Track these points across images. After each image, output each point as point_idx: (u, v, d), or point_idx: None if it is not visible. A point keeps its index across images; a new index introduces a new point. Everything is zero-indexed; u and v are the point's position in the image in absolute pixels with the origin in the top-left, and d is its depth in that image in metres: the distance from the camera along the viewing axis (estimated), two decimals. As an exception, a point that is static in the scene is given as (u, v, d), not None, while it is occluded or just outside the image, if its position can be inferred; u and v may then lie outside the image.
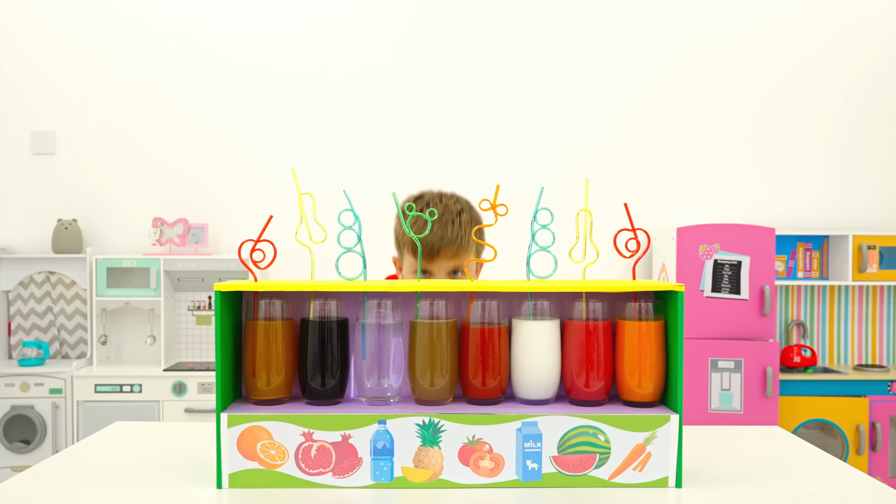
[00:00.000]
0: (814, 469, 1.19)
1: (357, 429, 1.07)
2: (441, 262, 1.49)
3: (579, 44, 3.67)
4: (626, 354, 1.14)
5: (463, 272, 1.51)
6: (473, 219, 1.55)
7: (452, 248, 1.48)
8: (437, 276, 1.51)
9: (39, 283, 3.60)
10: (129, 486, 1.08)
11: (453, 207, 1.54)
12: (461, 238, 1.49)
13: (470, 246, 1.52)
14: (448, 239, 1.48)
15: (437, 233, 1.49)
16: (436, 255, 1.48)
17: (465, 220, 1.53)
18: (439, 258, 1.48)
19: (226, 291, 1.11)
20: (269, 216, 1.18)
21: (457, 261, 1.50)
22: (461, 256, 1.50)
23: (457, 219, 1.52)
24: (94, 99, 3.64)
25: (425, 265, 1.50)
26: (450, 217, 1.51)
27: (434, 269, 1.50)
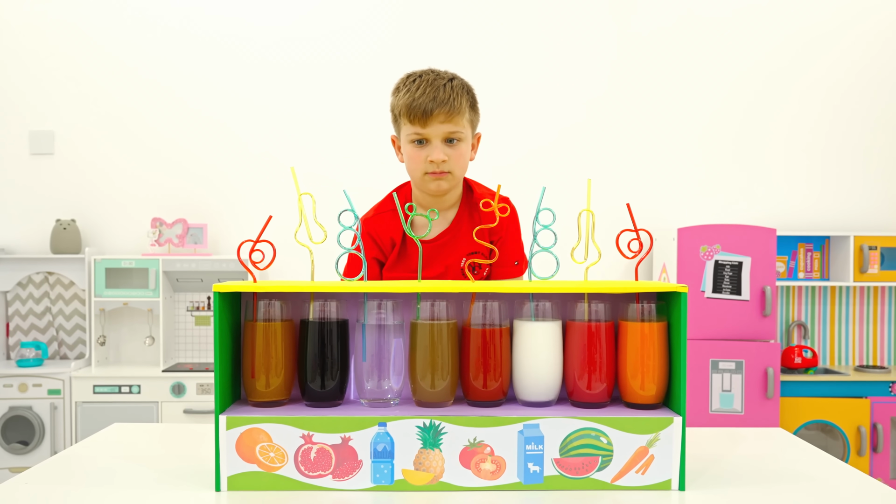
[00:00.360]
0: (818, 472, 1.18)
1: (357, 431, 1.07)
2: (435, 126, 1.46)
3: (578, 43, 3.66)
4: (628, 356, 1.13)
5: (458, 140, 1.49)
6: (465, 87, 1.53)
7: (445, 109, 1.45)
8: (433, 144, 1.47)
9: (38, 283, 3.59)
10: (126, 490, 1.07)
11: (444, 74, 1.52)
12: (454, 100, 1.47)
13: (463, 111, 1.49)
14: (440, 99, 1.46)
15: (429, 94, 1.46)
16: (429, 116, 1.45)
17: (456, 84, 1.50)
18: (432, 120, 1.45)
19: (225, 292, 1.10)
20: (269, 216, 1.17)
21: (451, 125, 1.47)
22: (455, 121, 1.47)
23: (448, 83, 1.49)
24: (92, 99, 3.62)
25: (419, 130, 1.47)
26: (441, 81, 1.49)
27: (429, 134, 1.47)
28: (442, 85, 1.48)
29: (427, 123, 1.46)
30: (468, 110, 1.51)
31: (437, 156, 1.46)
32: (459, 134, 1.48)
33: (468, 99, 1.52)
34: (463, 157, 1.51)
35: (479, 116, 1.57)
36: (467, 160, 1.53)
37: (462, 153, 1.50)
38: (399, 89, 1.53)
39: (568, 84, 3.66)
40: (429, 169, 1.48)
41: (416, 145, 1.49)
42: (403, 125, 1.51)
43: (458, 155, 1.49)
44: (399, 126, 1.54)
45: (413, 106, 1.46)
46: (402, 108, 1.49)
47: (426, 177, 1.50)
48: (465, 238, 1.57)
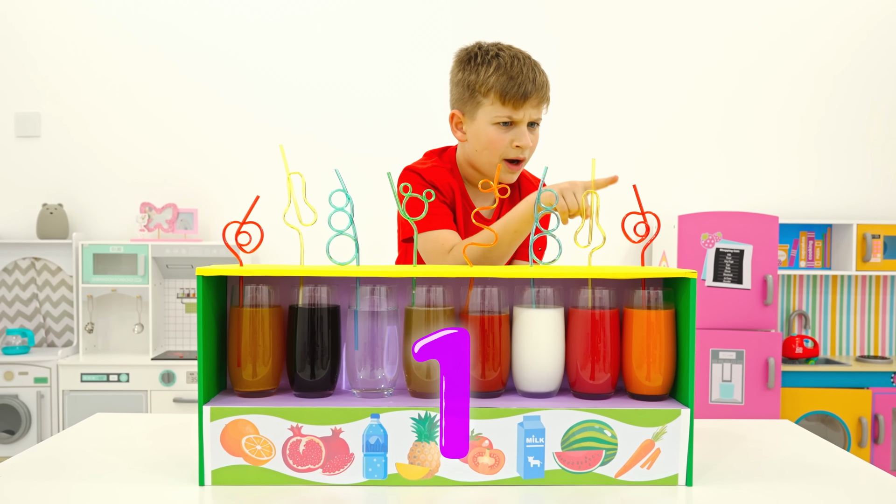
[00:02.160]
0: (827, 464, 1.15)
1: (348, 423, 1.02)
2: (527, 110, 1.39)
3: (581, 22, 3.60)
4: (633, 345, 1.09)
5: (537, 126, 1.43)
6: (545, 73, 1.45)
7: (542, 93, 1.39)
8: (520, 128, 1.40)
9: (24, 269, 3.53)
10: (106, 483, 1.03)
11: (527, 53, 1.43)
12: (547, 84, 1.40)
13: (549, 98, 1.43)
14: (539, 83, 1.38)
15: (528, 75, 1.37)
16: (527, 99, 1.37)
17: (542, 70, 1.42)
18: (527, 104, 1.38)
19: (209, 276, 1.04)
20: (256, 196, 1.11)
21: (539, 110, 1.41)
22: (542, 106, 1.41)
23: (538, 65, 1.41)
24: (80, 80, 3.55)
25: (511, 113, 1.38)
26: (531, 62, 1.40)
27: (521, 117, 1.39)
28: (533, 66, 1.40)
29: (521, 106, 1.38)
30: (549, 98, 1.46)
31: (524, 141, 1.40)
32: (541, 120, 1.44)
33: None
34: (537, 143, 1.46)
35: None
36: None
37: (537, 140, 1.45)
38: (477, 62, 1.42)
39: (569, 66, 3.60)
40: (510, 155, 1.41)
41: (500, 127, 1.40)
42: (489, 104, 1.40)
43: (536, 141, 1.44)
44: (476, 103, 1.42)
45: (509, 85, 1.37)
46: (495, 85, 1.38)
47: (503, 164, 1.42)
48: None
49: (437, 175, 1.47)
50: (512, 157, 1.42)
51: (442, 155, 1.54)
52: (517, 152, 1.41)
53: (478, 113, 1.42)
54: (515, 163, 1.43)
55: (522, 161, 1.43)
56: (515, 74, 1.37)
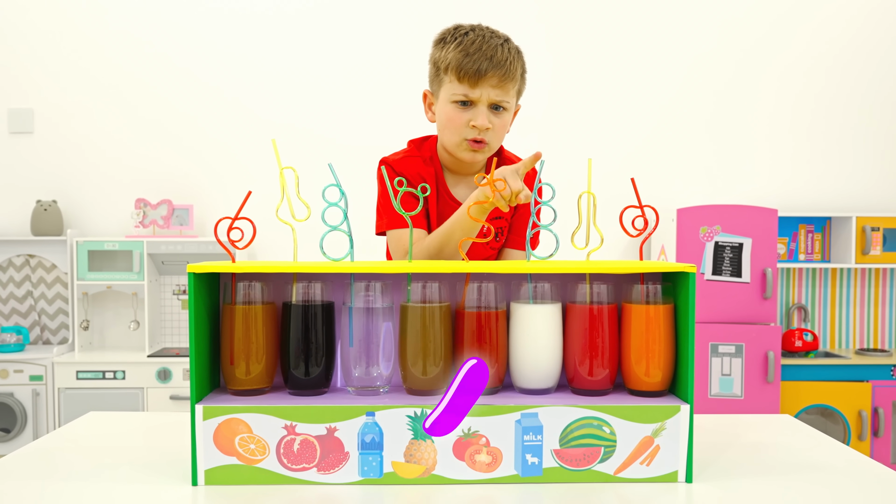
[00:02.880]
0: (829, 460, 1.14)
1: (343, 421, 1.01)
2: (485, 89, 1.33)
3: (575, 14, 3.58)
4: (632, 340, 1.08)
5: (503, 110, 1.37)
6: (520, 52, 1.39)
7: (499, 72, 1.32)
8: (478, 108, 1.35)
9: (18, 266, 3.50)
10: (97, 483, 1.02)
11: (499, 33, 1.38)
12: (510, 63, 1.33)
13: (515, 78, 1.36)
14: (497, 60, 1.32)
15: (486, 52, 1.32)
16: (482, 77, 1.32)
17: (513, 47, 1.37)
18: (484, 82, 1.32)
19: (201, 273, 1.02)
20: (248, 191, 1.09)
21: (500, 92, 1.34)
22: (506, 87, 1.35)
23: (505, 44, 1.36)
24: (73, 75, 3.52)
25: (467, 91, 1.34)
26: (497, 41, 1.35)
27: (477, 96, 1.34)
28: (499, 44, 1.34)
29: (478, 84, 1.33)
30: (519, 78, 1.39)
31: (481, 121, 1.34)
32: (506, 103, 1.37)
33: (521, 65, 1.39)
34: (504, 127, 1.40)
35: (525, 87, 1.45)
36: (506, 130, 1.41)
37: (504, 123, 1.39)
38: (446, 41, 1.39)
39: (566, 60, 3.58)
40: (468, 135, 1.37)
41: (458, 106, 1.36)
42: (448, 82, 1.37)
43: (500, 125, 1.38)
44: (440, 82, 1.40)
45: (465, 62, 1.33)
46: (452, 62, 1.34)
47: (463, 143, 1.38)
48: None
49: (409, 166, 1.45)
50: (470, 137, 1.37)
51: (422, 144, 1.52)
52: (474, 133, 1.36)
53: (441, 91, 1.40)
54: (478, 143, 1.38)
55: (483, 144, 1.37)
56: (473, 51, 1.33)
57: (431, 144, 1.51)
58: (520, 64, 1.39)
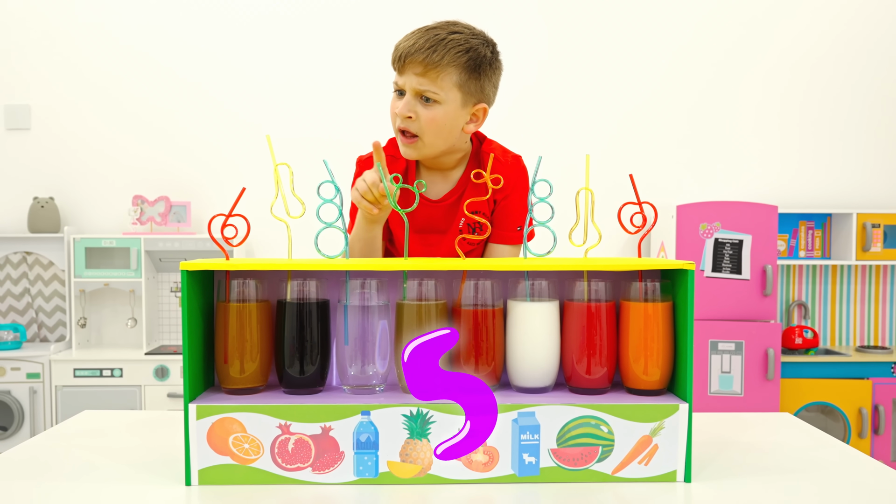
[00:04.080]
0: (829, 459, 1.13)
1: (338, 420, 1.00)
2: (409, 76, 1.30)
3: (568, 14, 3.56)
4: (630, 338, 1.07)
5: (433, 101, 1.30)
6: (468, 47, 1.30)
7: (420, 58, 1.27)
8: (405, 97, 1.31)
9: (15, 263, 3.49)
10: (89, 483, 1.01)
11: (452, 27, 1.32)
12: (435, 53, 1.27)
13: (445, 69, 1.28)
14: (418, 46, 1.27)
15: (414, 38, 1.29)
16: (403, 63, 1.29)
17: (453, 39, 1.29)
18: (406, 69, 1.29)
19: (194, 271, 1.01)
20: (242, 188, 1.08)
21: (424, 80, 1.28)
22: (431, 76, 1.28)
23: (446, 35, 1.30)
24: (70, 71, 3.51)
25: (396, 78, 1.34)
26: (436, 31, 1.30)
27: (404, 83, 1.31)
28: (433, 35, 1.29)
29: (402, 70, 1.31)
30: (459, 72, 1.30)
31: (400, 108, 1.31)
32: (435, 94, 1.29)
33: (465, 60, 1.30)
34: (436, 122, 1.31)
35: (484, 87, 1.35)
36: (446, 127, 1.33)
37: (435, 118, 1.31)
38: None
39: (565, 57, 3.56)
40: (397, 124, 1.34)
41: (395, 95, 1.35)
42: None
43: (429, 118, 1.30)
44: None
45: (394, 51, 1.32)
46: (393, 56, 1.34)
47: (398, 135, 1.36)
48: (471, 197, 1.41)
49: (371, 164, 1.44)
50: (397, 125, 1.34)
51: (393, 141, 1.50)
52: (399, 121, 1.33)
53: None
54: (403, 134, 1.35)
55: (413, 138, 1.34)
56: (405, 39, 1.31)
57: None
58: (458, 57, 1.29)
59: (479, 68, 1.32)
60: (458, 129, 1.36)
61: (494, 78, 1.38)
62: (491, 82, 1.36)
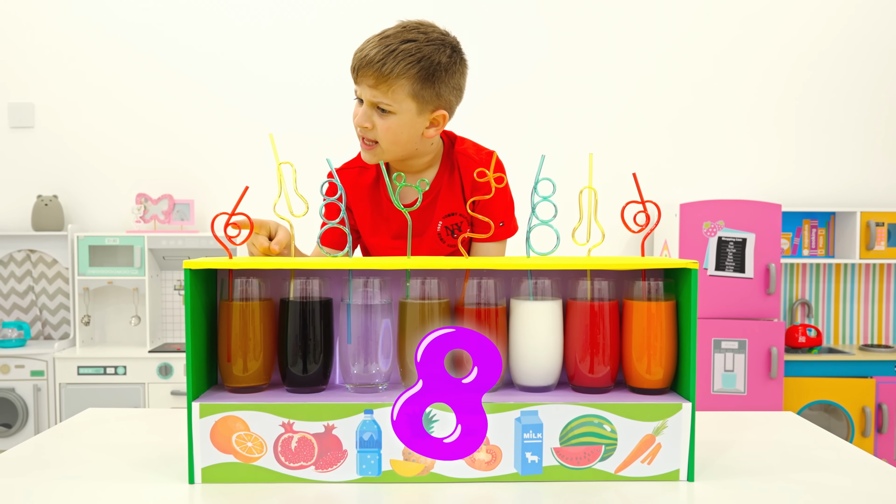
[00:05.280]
0: (833, 459, 1.13)
1: (341, 419, 1.00)
2: (363, 87, 1.29)
3: (578, 13, 3.56)
4: (633, 337, 1.06)
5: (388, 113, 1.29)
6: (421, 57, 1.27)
7: (370, 71, 1.26)
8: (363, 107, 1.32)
9: (19, 261, 3.50)
10: (92, 481, 1.01)
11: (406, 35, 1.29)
12: (384, 65, 1.25)
13: (396, 80, 1.26)
14: (368, 59, 1.26)
15: (367, 49, 1.28)
16: (357, 74, 1.29)
17: (404, 49, 1.26)
18: (360, 80, 1.29)
19: (197, 269, 1.01)
20: (245, 187, 1.08)
21: (377, 93, 1.27)
22: (382, 89, 1.27)
23: (397, 45, 1.27)
24: (74, 70, 3.51)
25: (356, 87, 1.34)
26: (390, 41, 1.28)
27: (361, 93, 1.31)
28: (385, 46, 1.27)
29: (357, 81, 1.31)
30: (411, 83, 1.27)
31: (359, 119, 1.32)
32: (388, 105, 1.28)
33: (416, 70, 1.26)
34: (392, 131, 1.30)
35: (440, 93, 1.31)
36: (402, 135, 1.31)
37: (391, 127, 1.30)
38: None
39: (567, 56, 3.55)
40: (357, 131, 1.35)
41: (357, 102, 1.35)
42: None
43: (385, 127, 1.30)
44: None
45: (353, 57, 1.31)
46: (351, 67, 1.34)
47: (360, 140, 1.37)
48: (447, 200, 1.43)
49: (341, 176, 1.45)
50: (357, 133, 1.35)
51: None
52: (359, 130, 1.34)
53: None
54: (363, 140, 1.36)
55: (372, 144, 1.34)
56: (360, 49, 1.30)
57: None
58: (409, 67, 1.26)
59: (432, 77, 1.29)
60: (416, 135, 1.34)
61: (454, 80, 1.33)
62: (449, 86, 1.33)
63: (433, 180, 1.44)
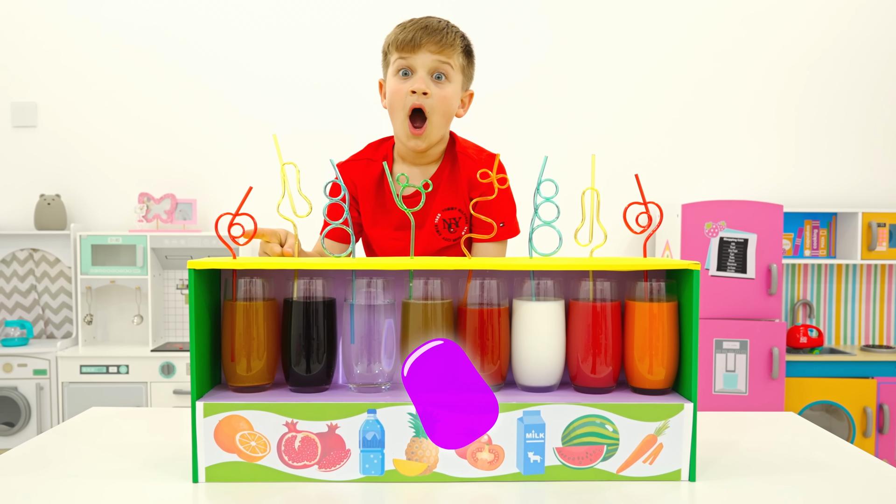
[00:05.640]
0: (833, 459, 1.13)
1: (345, 418, 1.00)
2: (423, 55, 1.36)
3: (581, 15, 3.56)
4: (635, 338, 1.07)
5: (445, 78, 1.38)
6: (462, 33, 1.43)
7: (436, 38, 1.35)
8: (417, 75, 1.37)
9: (22, 260, 3.51)
10: (96, 480, 1.01)
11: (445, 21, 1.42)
12: (448, 33, 1.37)
13: (455, 48, 1.38)
14: (431, 28, 1.36)
15: (420, 24, 1.38)
16: (418, 45, 1.35)
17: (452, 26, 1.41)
18: (421, 49, 1.36)
19: (202, 269, 1.02)
20: (249, 187, 1.08)
21: (441, 56, 1.36)
22: (445, 53, 1.37)
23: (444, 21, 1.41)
24: (76, 69, 3.52)
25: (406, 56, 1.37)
26: (435, 19, 1.41)
27: (416, 63, 1.37)
28: (436, 21, 1.39)
29: (416, 50, 1.36)
30: (461, 54, 1.41)
31: (418, 84, 1.35)
32: (448, 69, 1.38)
33: (462, 42, 1.41)
34: (447, 100, 1.38)
35: (472, 71, 1.47)
36: (452, 107, 1.40)
37: (447, 95, 1.38)
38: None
39: (568, 57, 3.56)
40: (409, 103, 1.37)
41: (400, 77, 1.38)
42: (392, 60, 1.40)
43: (441, 95, 1.37)
44: (387, 63, 1.44)
45: (401, 34, 1.37)
46: (392, 39, 1.40)
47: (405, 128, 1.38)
48: (446, 194, 1.46)
49: (347, 170, 1.49)
50: (409, 104, 1.37)
51: (379, 146, 1.52)
52: (413, 98, 1.36)
53: (388, 72, 1.43)
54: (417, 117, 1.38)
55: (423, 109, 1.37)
56: (409, 25, 1.38)
57: (389, 145, 1.51)
58: (460, 40, 1.40)
59: (470, 56, 1.45)
60: (453, 113, 1.42)
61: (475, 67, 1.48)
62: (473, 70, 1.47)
63: (434, 173, 1.47)
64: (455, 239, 1.49)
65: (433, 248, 1.48)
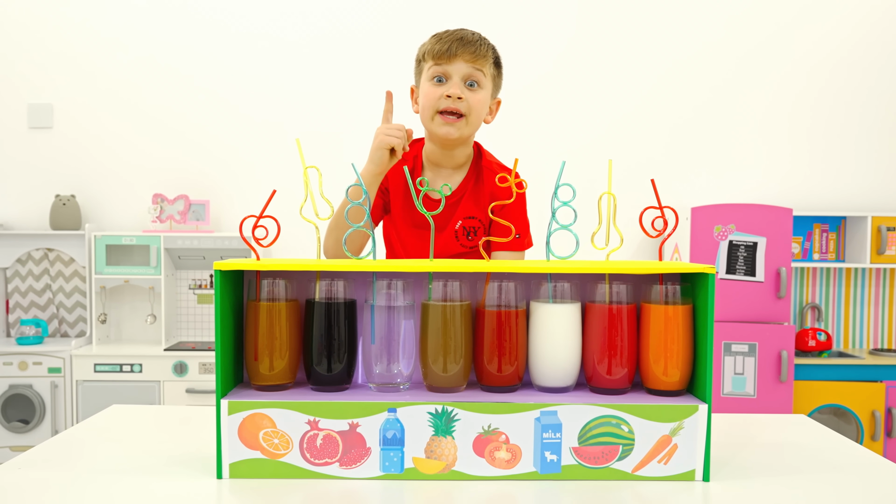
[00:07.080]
0: (845, 461, 1.14)
1: (365, 417, 1.02)
2: (458, 64, 1.45)
3: (594, 25, 3.57)
4: (651, 340, 1.08)
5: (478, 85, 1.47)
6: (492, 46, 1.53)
7: (470, 49, 1.45)
8: (452, 81, 1.46)
9: (37, 260, 3.54)
10: (124, 476, 1.03)
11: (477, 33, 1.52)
12: (481, 45, 1.47)
13: (487, 58, 1.48)
14: (466, 40, 1.46)
15: (456, 35, 1.47)
16: (453, 55, 1.45)
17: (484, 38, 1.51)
18: (456, 59, 1.45)
19: (226, 270, 1.04)
20: (273, 191, 1.10)
21: (474, 66, 1.46)
22: (479, 63, 1.46)
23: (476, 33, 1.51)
24: (91, 71, 3.55)
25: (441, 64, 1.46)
26: (469, 31, 1.50)
27: (451, 71, 1.46)
28: (469, 33, 1.48)
29: (450, 61, 1.45)
30: (492, 64, 1.50)
31: (453, 90, 1.44)
32: (480, 78, 1.47)
33: (493, 54, 1.51)
34: (480, 104, 1.48)
35: (501, 81, 1.56)
36: (483, 111, 1.50)
37: (480, 100, 1.48)
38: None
39: (579, 61, 3.57)
40: (441, 106, 1.46)
41: (434, 83, 1.47)
42: (427, 68, 1.49)
43: (476, 100, 1.47)
44: (420, 71, 1.53)
45: (437, 45, 1.46)
46: (428, 48, 1.49)
47: (437, 118, 1.47)
48: (469, 203, 1.54)
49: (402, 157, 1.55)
50: (443, 107, 1.45)
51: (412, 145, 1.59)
52: (447, 102, 1.45)
53: (421, 79, 1.52)
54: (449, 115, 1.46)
55: (459, 118, 1.46)
56: (445, 36, 1.48)
57: (418, 145, 1.59)
58: (491, 51, 1.50)
59: (500, 66, 1.54)
60: (483, 116, 1.51)
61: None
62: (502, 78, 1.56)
63: (460, 184, 1.55)
64: (472, 247, 1.54)
65: (451, 252, 1.54)
